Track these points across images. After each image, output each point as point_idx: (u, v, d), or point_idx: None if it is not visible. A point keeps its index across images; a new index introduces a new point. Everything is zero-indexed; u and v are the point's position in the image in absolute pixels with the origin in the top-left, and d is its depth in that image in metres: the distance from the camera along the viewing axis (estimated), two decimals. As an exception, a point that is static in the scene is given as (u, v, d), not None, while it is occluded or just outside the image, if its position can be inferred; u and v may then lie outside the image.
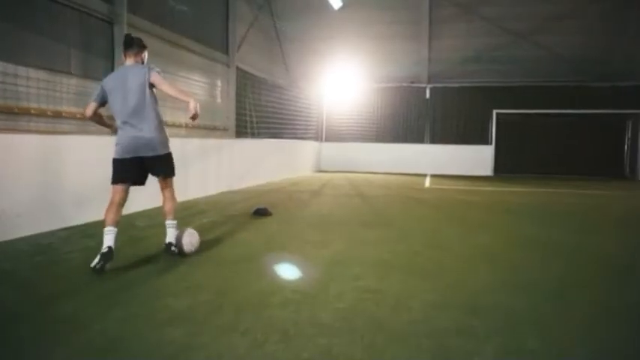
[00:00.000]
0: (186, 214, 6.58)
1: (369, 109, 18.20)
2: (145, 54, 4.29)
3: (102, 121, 4.35)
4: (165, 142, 4.19)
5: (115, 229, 3.91)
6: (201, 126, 12.26)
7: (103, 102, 4.15)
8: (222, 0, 13.64)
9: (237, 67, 14.17)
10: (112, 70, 9.04)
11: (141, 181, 4.23)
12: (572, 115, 16.41)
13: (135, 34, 9.62)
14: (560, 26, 15.93)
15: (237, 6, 14.34)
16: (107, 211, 3.96)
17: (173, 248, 4.17)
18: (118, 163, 4.05)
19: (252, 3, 15.58)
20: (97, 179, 6.29)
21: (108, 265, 3.72)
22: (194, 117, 3.97)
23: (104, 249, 3.78)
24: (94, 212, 5.97)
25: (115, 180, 4.05)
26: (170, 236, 4.23)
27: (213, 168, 9.67)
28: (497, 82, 17.18)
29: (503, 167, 17.02)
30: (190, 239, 4.33)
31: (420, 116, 18.00)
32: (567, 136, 16.68)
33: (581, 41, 15.98)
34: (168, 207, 4.26)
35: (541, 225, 6.35)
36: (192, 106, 3.92)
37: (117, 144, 4.07)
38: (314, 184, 11.86)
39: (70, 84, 8.03)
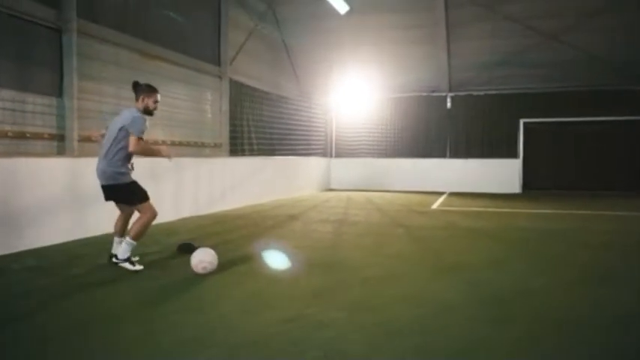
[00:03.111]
0: (96, 249, 5.42)
1: (383, 121, 16.72)
2: (148, 98, 4.65)
3: None
4: (119, 175, 4.54)
5: (117, 238, 4.80)
6: (183, 142, 11.24)
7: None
8: (214, 9, 12.67)
9: (231, 80, 13.12)
10: (61, 83, 8.15)
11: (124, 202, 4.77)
12: (612, 124, 14.37)
13: (95, 43, 8.93)
14: (596, 24, 13.91)
15: (233, 15, 13.33)
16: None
17: (114, 260, 4.64)
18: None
19: (252, 11, 14.57)
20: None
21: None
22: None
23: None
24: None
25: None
26: (120, 250, 4.60)
27: (174, 191, 8.53)
28: (525, 88, 15.39)
29: (534, 183, 15.10)
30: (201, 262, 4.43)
31: (440, 128, 16.36)
32: (607, 147, 14.60)
33: (621, 40, 13.94)
34: (132, 227, 4.63)
35: (550, 271, 4.76)
36: (166, 155, 4.77)
37: None
38: (302, 207, 10.53)
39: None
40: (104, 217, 6.59)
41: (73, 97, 8.14)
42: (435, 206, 10.74)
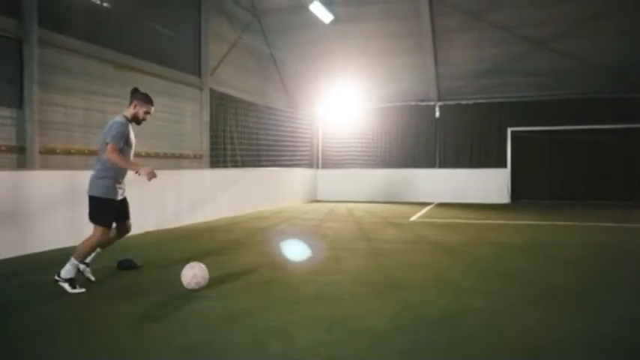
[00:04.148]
0: (28, 268, 5.19)
1: (371, 132, 16.47)
2: (141, 107, 4.53)
3: None
4: (94, 186, 4.40)
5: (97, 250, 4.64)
6: (160, 154, 11.04)
7: None
8: (194, 20, 12.54)
9: (213, 90, 12.96)
10: (21, 94, 7.98)
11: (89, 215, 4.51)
12: (604, 132, 14.03)
13: (61, 54, 8.77)
14: (590, 29, 13.55)
15: (216, 25, 13.22)
16: None
17: (57, 278, 4.27)
18: None
19: (236, 21, 14.45)
20: None
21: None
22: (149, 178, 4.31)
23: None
24: None
25: None
26: (63, 269, 4.27)
27: (138, 203, 8.26)
28: (516, 96, 15.11)
29: (524, 193, 14.77)
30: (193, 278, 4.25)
31: (429, 138, 16.10)
32: (600, 155, 14.26)
33: (613, 45, 13.60)
34: (79, 247, 4.39)
35: (500, 291, 4.46)
36: (144, 173, 4.29)
37: None
38: (278, 218, 10.27)
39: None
40: (53, 231, 6.42)
41: (34, 109, 7.98)
42: (414, 218, 10.44)
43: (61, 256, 5.61)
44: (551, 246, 6.82)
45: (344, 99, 16.42)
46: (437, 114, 15.97)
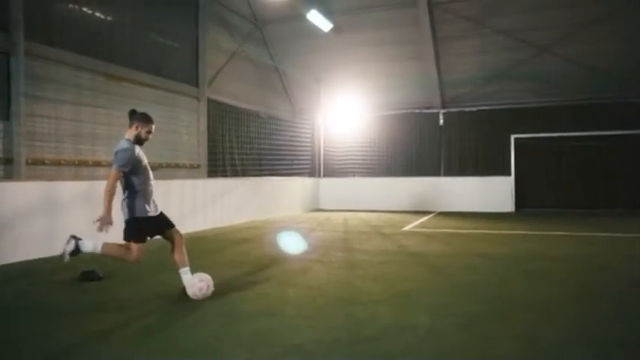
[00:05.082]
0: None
1: (374, 140, 16.31)
2: (142, 127, 4.49)
3: None
4: (125, 211, 4.46)
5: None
6: (155, 165, 11.04)
7: None
8: (191, 30, 12.63)
9: (212, 100, 13.00)
10: (8, 106, 8.09)
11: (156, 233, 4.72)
12: (613, 138, 13.60)
13: (50, 65, 8.88)
14: (592, 34, 13.26)
15: (214, 35, 13.29)
16: None
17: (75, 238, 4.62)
18: None
19: (236, 31, 14.53)
20: None
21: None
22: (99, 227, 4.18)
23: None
24: None
25: None
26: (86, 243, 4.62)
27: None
28: (519, 103, 14.80)
29: (529, 202, 14.41)
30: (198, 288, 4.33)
31: (433, 146, 15.86)
32: (607, 162, 13.82)
33: (619, 49, 13.25)
34: (113, 245, 4.61)
35: (455, 306, 4.27)
36: (99, 219, 4.18)
37: None
38: (270, 228, 10.18)
39: None
40: (32, 241, 6.44)
41: (21, 121, 8.07)
42: (408, 227, 10.24)
43: (38, 267, 5.67)
44: (537, 258, 6.56)
45: (346, 107, 16.32)
46: (441, 121, 15.74)
